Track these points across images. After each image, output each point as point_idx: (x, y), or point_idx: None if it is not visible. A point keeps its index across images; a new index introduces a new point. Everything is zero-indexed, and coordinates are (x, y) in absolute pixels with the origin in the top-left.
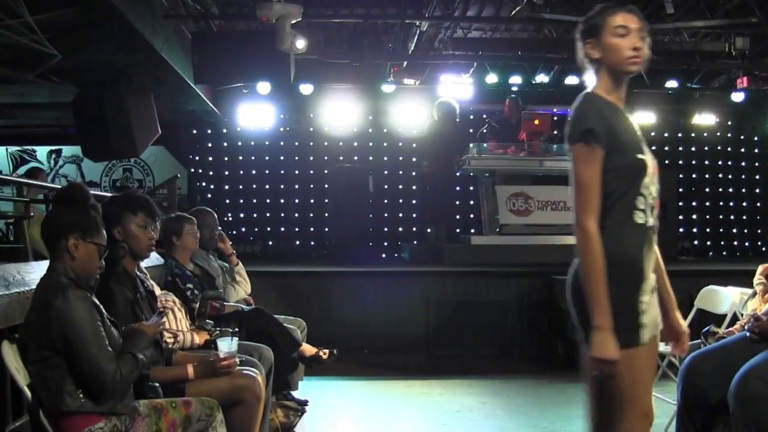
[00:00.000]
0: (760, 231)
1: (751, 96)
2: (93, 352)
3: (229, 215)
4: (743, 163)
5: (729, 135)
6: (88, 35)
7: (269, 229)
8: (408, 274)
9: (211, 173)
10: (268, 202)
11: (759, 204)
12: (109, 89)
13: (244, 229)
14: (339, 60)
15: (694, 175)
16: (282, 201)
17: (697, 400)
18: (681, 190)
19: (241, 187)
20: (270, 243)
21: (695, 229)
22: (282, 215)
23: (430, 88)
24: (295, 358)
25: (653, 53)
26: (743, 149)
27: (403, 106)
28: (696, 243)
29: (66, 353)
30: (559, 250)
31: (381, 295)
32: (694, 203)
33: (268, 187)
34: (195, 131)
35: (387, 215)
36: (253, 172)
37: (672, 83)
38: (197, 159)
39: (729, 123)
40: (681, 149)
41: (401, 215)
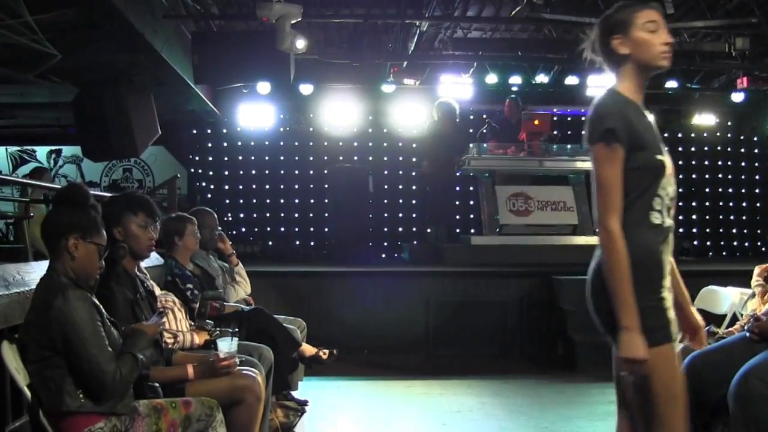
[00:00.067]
0: (759, 231)
1: (751, 96)
2: (93, 352)
3: (229, 215)
4: (743, 164)
5: (729, 135)
6: (88, 35)
7: (269, 229)
8: (408, 274)
9: (211, 173)
10: (268, 202)
11: (759, 204)
12: (109, 89)
13: (244, 229)
14: (339, 60)
15: (693, 176)
16: (282, 201)
17: (697, 400)
18: (681, 190)
19: (241, 187)
20: (270, 243)
21: (695, 229)
22: (282, 215)
23: (430, 88)
24: (295, 358)
25: None
26: (743, 149)
27: (403, 106)
28: (696, 243)
29: (66, 353)
30: (559, 250)
31: (381, 295)
32: (694, 203)
33: (268, 187)
34: (195, 131)
35: (387, 215)
36: (253, 172)
37: (672, 83)
38: (197, 159)
39: (729, 123)
40: (681, 149)
41: (401, 215)
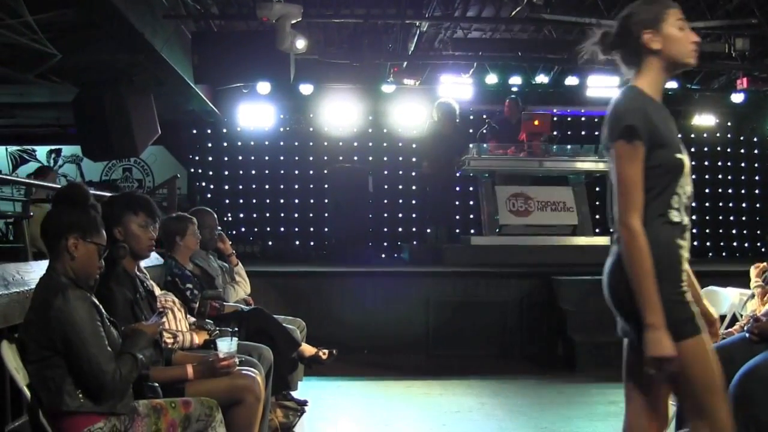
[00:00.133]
0: (759, 232)
1: (751, 97)
2: (92, 351)
3: (229, 215)
4: (743, 164)
5: (729, 136)
6: (88, 35)
7: (269, 229)
8: (408, 274)
9: (211, 173)
10: (267, 202)
11: (759, 204)
12: (109, 89)
13: (243, 229)
14: (339, 60)
15: (693, 176)
16: (282, 201)
17: None
18: None
19: (241, 187)
20: (270, 243)
21: (695, 230)
22: (282, 215)
23: (430, 88)
24: (295, 358)
25: None
26: (743, 150)
27: (403, 106)
28: (696, 243)
29: (65, 353)
30: (559, 250)
31: (381, 295)
32: (694, 204)
33: (267, 187)
34: (195, 131)
35: (387, 215)
36: (253, 172)
37: (672, 84)
38: (197, 159)
39: (729, 124)
40: None
41: (401, 215)
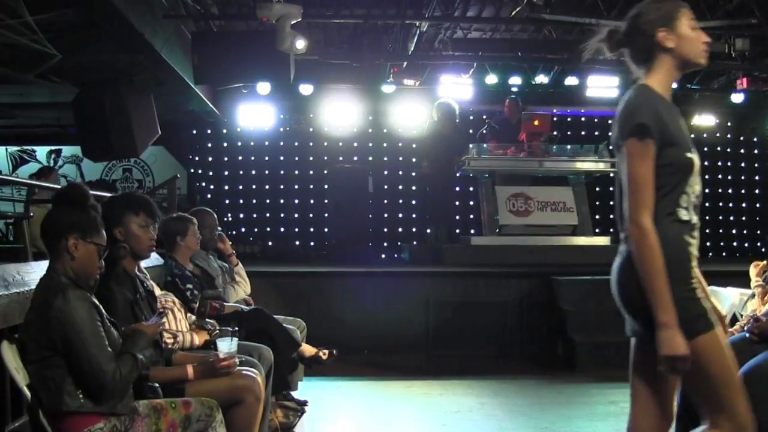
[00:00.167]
0: (759, 231)
1: (751, 97)
2: (93, 352)
3: (229, 215)
4: (743, 164)
5: (728, 136)
6: (88, 35)
7: (269, 230)
8: (408, 274)
9: (211, 173)
10: (267, 202)
11: (758, 205)
12: (109, 89)
13: (243, 230)
14: (339, 60)
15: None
16: (282, 201)
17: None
18: None
19: (241, 188)
20: (270, 243)
21: None
22: (282, 215)
23: (430, 88)
24: (295, 358)
25: None
26: (743, 150)
27: (403, 106)
28: None
29: (66, 353)
30: (559, 250)
31: (381, 295)
32: None
33: (267, 188)
34: (195, 131)
35: (387, 215)
36: (253, 172)
37: (673, 84)
38: (197, 159)
39: (728, 124)
40: None
41: (401, 215)
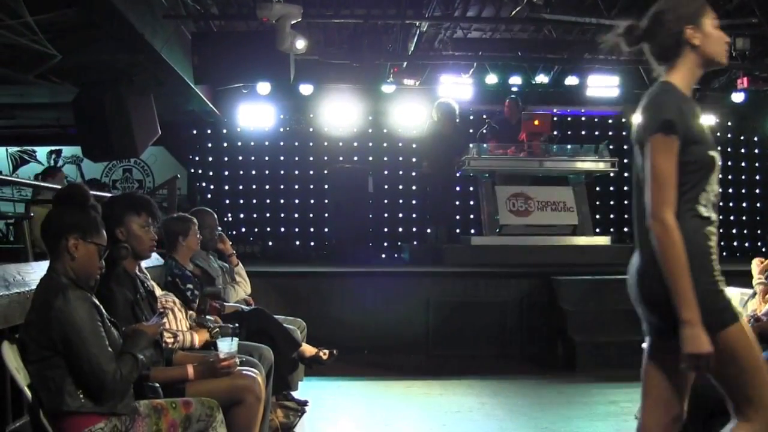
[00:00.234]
0: (760, 231)
1: (752, 96)
2: (93, 352)
3: (229, 215)
4: (743, 164)
5: (729, 135)
6: (88, 35)
7: (269, 230)
8: (408, 274)
9: (211, 173)
10: (268, 202)
11: (759, 204)
12: (109, 89)
13: (244, 230)
14: (339, 60)
15: None
16: (282, 201)
17: (697, 401)
18: None
19: (241, 188)
20: (270, 243)
21: None
22: (282, 215)
23: (430, 88)
24: (295, 358)
25: None
26: (743, 150)
27: (403, 106)
28: None
29: (66, 353)
30: (559, 250)
31: (381, 295)
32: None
33: (268, 188)
34: (195, 131)
35: (387, 215)
36: (253, 172)
37: None
38: (197, 159)
39: (729, 123)
40: None
41: (401, 215)
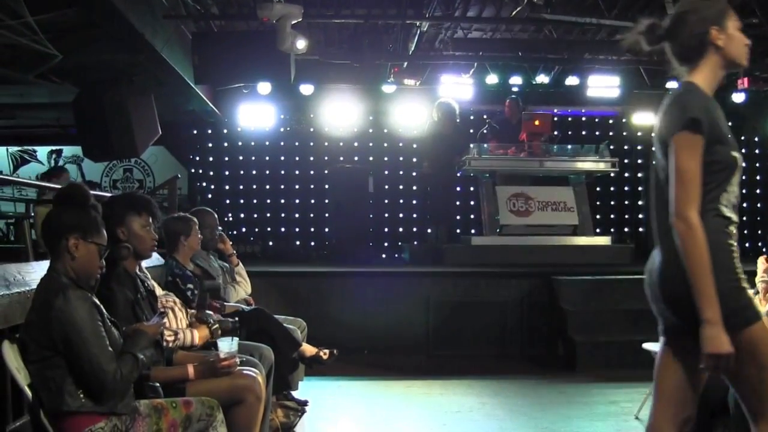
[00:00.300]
0: (760, 231)
1: (752, 97)
2: (93, 352)
3: (230, 215)
4: (743, 164)
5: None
6: (88, 35)
7: (269, 230)
8: (408, 274)
9: (212, 173)
10: (268, 202)
11: (759, 205)
12: (110, 89)
13: (244, 230)
14: (339, 60)
15: None
16: (282, 201)
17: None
18: None
19: (242, 188)
20: (270, 243)
21: None
22: (282, 215)
23: (430, 88)
24: (296, 358)
25: (653, 53)
26: (744, 150)
27: (404, 106)
28: None
29: (66, 353)
30: (559, 250)
31: (381, 295)
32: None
33: (268, 188)
34: (195, 131)
35: (387, 215)
36: (254, 172)
37: (672, 84)
38: (197, 159)
39: (729, 124)
40: None
41: (401, 215)
